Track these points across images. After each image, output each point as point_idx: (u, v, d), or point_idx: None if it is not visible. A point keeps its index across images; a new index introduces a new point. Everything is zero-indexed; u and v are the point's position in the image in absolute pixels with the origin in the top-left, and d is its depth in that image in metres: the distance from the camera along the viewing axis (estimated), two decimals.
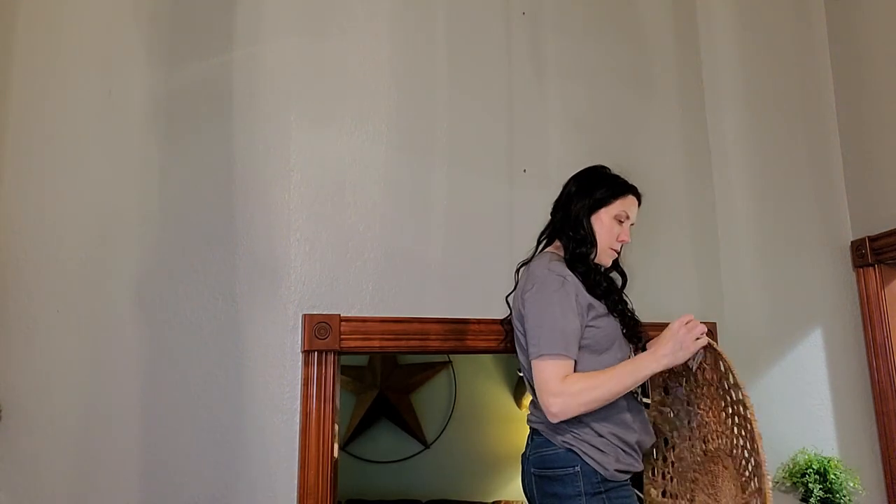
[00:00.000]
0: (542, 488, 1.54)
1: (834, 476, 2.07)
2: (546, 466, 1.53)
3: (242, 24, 1.92)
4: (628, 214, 1.68)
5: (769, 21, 2.52)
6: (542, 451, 1.55)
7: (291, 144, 1.88)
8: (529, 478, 1.59)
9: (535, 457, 1.57)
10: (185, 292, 1.75)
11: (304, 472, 1.71)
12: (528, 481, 1.60)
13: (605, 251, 1.66)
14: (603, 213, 1.66)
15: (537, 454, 1.56)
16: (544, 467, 1.54)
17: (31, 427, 1.61)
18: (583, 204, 1.66)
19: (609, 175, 1.72)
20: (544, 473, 1.53)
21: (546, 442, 1.55)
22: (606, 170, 1.73)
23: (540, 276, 1.56)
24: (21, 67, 1.76)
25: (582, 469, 1.49)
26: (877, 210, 2.31)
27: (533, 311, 1.53)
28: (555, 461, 1.52)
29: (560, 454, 1.51)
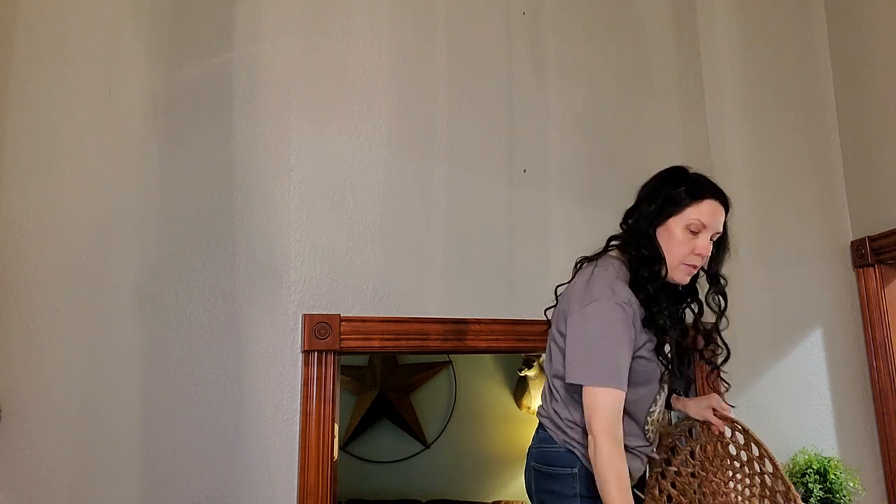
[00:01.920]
0: (539, 483, 1.54)
1: (834, 476, 2.07)
2: (546, 463, 1.53)
3: (242, 24, 1.92)
4: (705, 224, 1.44)
5: (769, 21, 2.52)
6: (544, 446, 1.55)
7: (291, 144, 1.88)
8: (530, 470, 1.58)
9: (537, 451, 1.56)
10: (185, 292, 1.75)
11: (304, 472, 1.71)
12: (528, 473, 1.59)
13: (676, 268, 1.45)
14: (672, 224, 1.44)
15: (539, 449, 1.56)
16: (544, 463, 1.53)
17: (30, 427, 1.61)
18: (649, 212, 1.46)
19: (684, 176, 1.48)
20: (543, 469, 1.53)
21: (549, 438, 1.54)
22: (685, 171, 1.50)
23: (601, 297, 1.40)
24: (21, 67, 1.76)
25: (579, 472, 1.47)
26: (877, 210, 2.31)
27: (587, 331, 1.40)
28: (556, 460, 1.51)
29: (561, 453, 1.50)
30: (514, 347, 1.97)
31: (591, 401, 1.36)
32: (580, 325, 1.41)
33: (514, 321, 1.96)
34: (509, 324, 1.95)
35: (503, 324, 1.95)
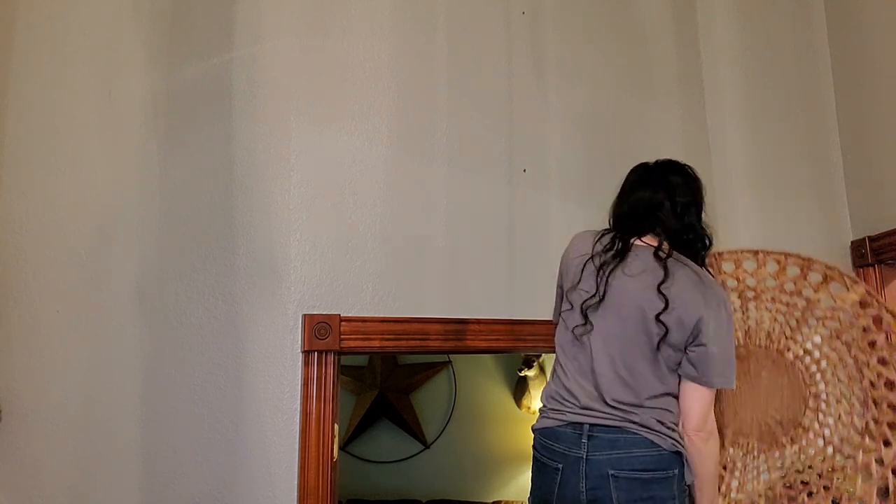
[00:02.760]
0: (633, 491, 1.45)
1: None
2: (647, 468, 1.46)
3: (242, 24, 1.92)
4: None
5: (769, 21, 2.52)
6: (638, 451, 1.48)
7: (291, 144, 1.88)
8: (612, 480, 1.46)
9: (631, 458, 1.47)
10: (185, 292, 1.75)
11: (304, 473, 1.71)
12: (608, 483, 1.46)
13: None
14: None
15: (633, 455, 1.47)
16: (644, 469, 1.46)
17: (30, 427, 1.61)
18: (700, 205, 1.61)
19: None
20: (643, 476, 1.46)
21: (645, 442, 1.47)
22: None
23: (725, 300, 1.51)
24: (21, 67, 1.76)
25: (678, 473, 1.48)
26: (877, 210, 2.31)
27: (724, 336, 1.49)
28: (659, 463, 1.47)
29: (664, 456, 1.47)
30: (513, 347, 1.97)
31: (710, 400, 1.49)
32: (725, 326, 1.49)
33: (513, 321, 1.96)
34: (509, 324, 1.95)
35: (503, 324, 1.95)
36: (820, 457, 1.53)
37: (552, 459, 1.53)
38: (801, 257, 1.70)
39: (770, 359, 1.66)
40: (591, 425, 1.49)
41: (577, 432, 1.50)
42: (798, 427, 1.58)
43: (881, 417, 1.48)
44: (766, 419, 1.63)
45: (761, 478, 1.60)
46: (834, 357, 1.60)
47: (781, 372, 1.64)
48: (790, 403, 1.61)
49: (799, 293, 1.66)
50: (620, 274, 1.53)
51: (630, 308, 1.51)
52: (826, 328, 1.63)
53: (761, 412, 1.64)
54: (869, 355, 1.54)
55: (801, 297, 1.66)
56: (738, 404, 1.66)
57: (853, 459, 1.49)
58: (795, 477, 1.53)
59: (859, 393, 1.54)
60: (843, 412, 1.55)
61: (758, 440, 1.62)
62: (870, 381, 1.53)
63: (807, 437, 1.57)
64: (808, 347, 1.64)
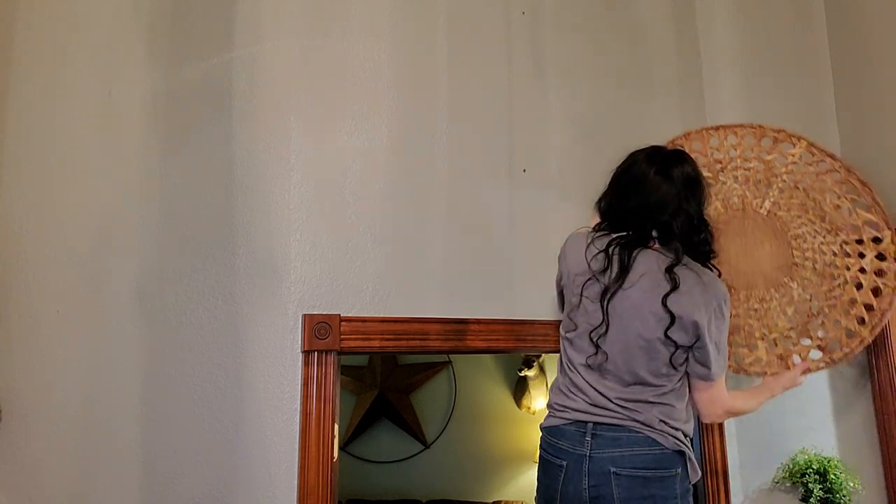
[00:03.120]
0: (634, 489, 1.46)
1: (834, 476, 2.07)
2: (649, 467, 1.47)
3: (242, 24, 1.92)
4: None
5: (769, 21, 2.52)
6: (641, 450, 1.48)
7: (291, 144, 1.88)
8: (614, 478, 1.47)
9: (634, 456, 1.47)
10: (185, 292, 1.75)
11: (304, 473, 1.71)
12: (610, 481, 1.47)
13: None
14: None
15: (637, 454, 1.48)
16: (647, 467, 1.47)
17: (30, 427, 1.61)
18: (702, 200, 1.59)
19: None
20: (646, 474, 1.47)
21: (647, 440, 1.48)
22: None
23: (725, 298, 1.54)
24: (21, 68, 1.76)
25: (681, 472, 1.49)
26: None
27: (723, 333, 1.54)
28: (661, 462, 1.47)
29: (668, 455, 1.48)
30: (513, 347, 1.97)
31: (718, 391, 1.57)
32: (724, 324, 1.54)
33: (513, 321, 1.96)
34: (509, 324, 1.95)
35: (503, 324, 1.95)
36: (817, 284, 1.88)
37: (557, 457, 1.53)
38: (753, 126, 1.98)
39: (749, 218, 1.94)
40: (595, 423, 1.50)
41: (581, 430, 1.51)
42: (792, 265, 1.89)
43: (848, 238, 1.88)
44: (764, 267, 1.91)
45: (786, 314, 1.87)
46: (797, 202, 1.93)
47: (761, 226, 1.93)
48: (778, 249, 1.91)
49: (758, 158, 1.96)
50: (621, 290, 1.50)
51: (633, 314, 1.50)
52: (785, 180, 1.95)
53: (758, 263, 1.91)
54: (823, 193, 1.93)
55: (760, 160, 1.96)
56: (735, 264, 1.90)
57: (842, 279, 1.86)
58: (807, 307, 1.87)
59: (826, 225, 1.91)
60: (820, 243, 1.90)
61: (764, 287, 1.88)
62: (829, 212, 1.91)
63: (801, 271, 1.89)
64: (775, 200, 1.94)
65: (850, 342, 1.81)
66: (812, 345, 1.84)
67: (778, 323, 1.86)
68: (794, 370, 1.81)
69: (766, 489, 2.13)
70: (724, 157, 1.96)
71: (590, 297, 1.53)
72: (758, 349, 1.84)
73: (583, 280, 1.54)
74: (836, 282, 1.86)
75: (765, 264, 1.90)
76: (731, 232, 1.91)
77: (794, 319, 1.85)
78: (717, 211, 1.91)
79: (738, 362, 1.84)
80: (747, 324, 1.86)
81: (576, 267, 1.57)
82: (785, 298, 1.87)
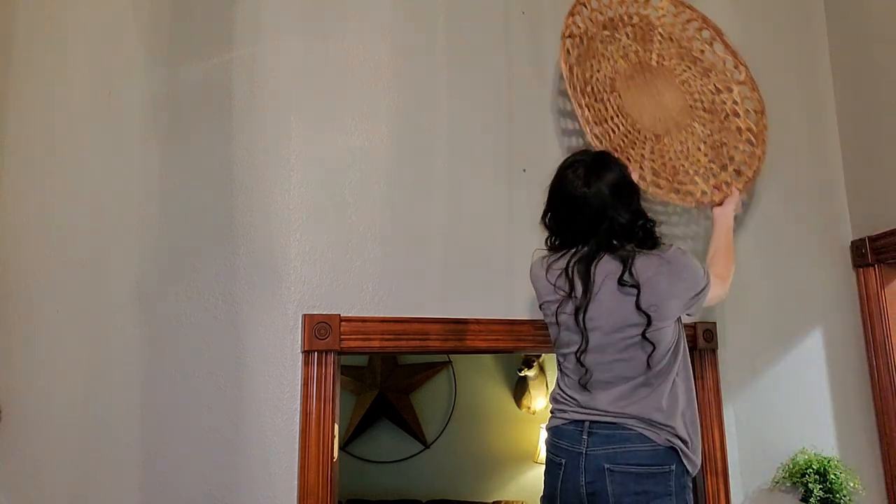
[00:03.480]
0: (626, 485, 1.49)
1: (834, 476, 2.07)
2: (640, 462, 1.50)
3: (242, 24, 1.92)
4: None
5: (769, 21, 2.52)
6: (632, 446, 1.52)
7: (291, 144, 1.88)
8: (607, 474, 1.51)
9: (625, 452, 1.51)
10: (185, 292, 1.75)
11: (304, 473, 1.71)
12: (604, 476, 1.51)
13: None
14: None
15: (627, 450, 1.51)
16: (637, 463, 1.50)
17: (31, 427, 1.61)
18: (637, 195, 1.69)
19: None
20: (636, 469, 1.50)
21: (639, 437, 1.52)
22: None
23: (686, 264, 1.58)
24: (21, 68, 1.76)
25: (676, 468, 1.51)
26: (877, 210, 2.31)
27: (688, 277, 1.59)
28: (653, 458, 1.51)
29: (659, 452, 1.51)
30: (513, 347, 1.98)
31: (718, 287, 1.71)
32: (689, 275, 1.59)
33: (513, 321, 1.96)
34: (508, 324, 1.95)
35: (502, 324, 1.95)
36: (710, 120, 2.15)
37: (558, 456, 1.59)
38: None
39: (646, 70, 2.14)
40: (591, 422, 1.56)
41: (578, 429, 1.57)
42: (689, 107, 2.14)
43: (718, 77, 2.20)
44: (672, 113, 2.11)
45: (700, 150, 2.08)
46: (674, 51, 2.20)
47: (657, 76, 2.14)
48: (675, 95, 2.14)
49: (637, 14, 2.17)
50: (592, 303, 1.56)
51: (608, 320, 1.56)
52: (661, 33, 2.19)
53: (667, 110, 2.11)
54: (690, 41, 2.22)
55: (639, 16, 2.17)
56: (653, 114, 2.09)
57: (724, 112, 2.17)
58: (712, 140, 2.12)
59: (699, 69, 2.20)
60: (700, 85, 2.18)
61: (677, 130, 2.08)
62: (698, 57, 2.21)
63: (696, 111, 2.14)
64: (659, 52, 2.18)
65: (752, 161, 2.12)
66: (730, 171, 2.09)
67: (700, 159, 2.07)
68: (732, 194, 2.02)
69: (766, 489, 2.13)
70: (615, 14, 2.13)
71: (566, 317, 1.60)
72: (698, 184, 2.03)
73: (556, 304, 1.62)
74: (722, 115, 2.16)
75: (671, 110, 2.12)
76: (637, 86, 2.10)
77: (709, 153, 2.09)
78: (622, 66, 2.10)
79: (694, 198, 2.00)
80: (682, 165, 2.04)
81: (545, 294, 1.65)
82: (694, 136, 2.10)
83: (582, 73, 1.97)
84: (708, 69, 2.20)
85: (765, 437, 2.16)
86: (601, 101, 1.98)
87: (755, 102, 2.19)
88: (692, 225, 2.25)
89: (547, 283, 1.63)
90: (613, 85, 2.05)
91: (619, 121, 1.99)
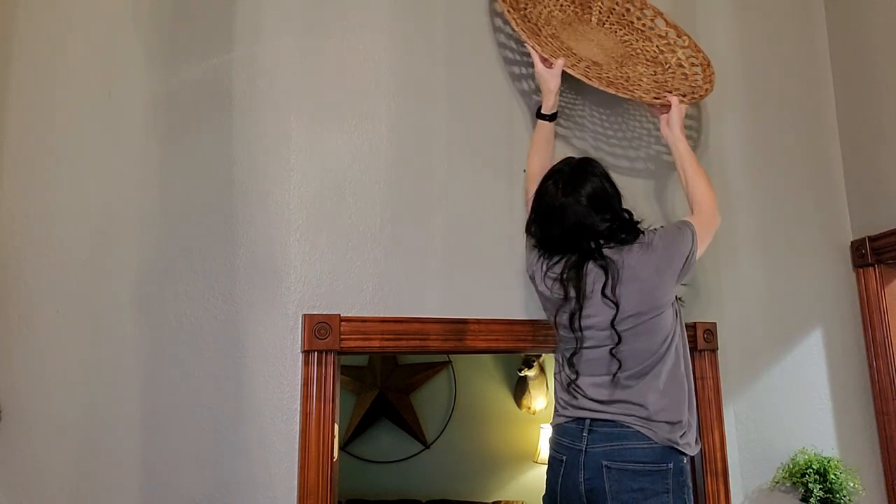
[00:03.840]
0: (623, 482, 1.52)
1: (834, 476, 2.07)
2: (638, 460, 1.53)
3: (242, 24, 1.92)
4: None
5: (769, 21, 2.52)
6: (630, 444, 1.55)
7: (291, 144, 1.88)
8: (605, 471, 1.54)
9: (623, 450, 1.54)
10: (185, 292, 1.75)
11: (304, 473, 1.71)
12: (601, 473, 1.54)
13: None
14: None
15: (625, 447, 1.55)
16: (635, 461, 1.53)
17: (31, 427, 1.61)
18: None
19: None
20: (633, 467, 1.53)
21: (637, 435, 1.55)
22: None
23: (662, 239, 1.65)
24: (21, 68, 1.75)
25: (674, 467, 1.54)
26: (877, 210, 2.31)
27: (671, 241, 1.65)
28: (650, 456, 1.53)
29: (657, 450, 1.54)
30: (513, 347, 1.97)
31: (694, 218, 1.75)
32: (660, 242, 1.64)
33: (513, 321, 1.96)
34: (509, 324, 1.95)
35: (502, 324, 1.95)
36: (655, 67, 2.15)
37: (559, 453, 1.62)
38: None
39: (579, 23, 2.20)
40: (591, 420, 1.59)
41: (579, 427, 1.60)
42: (631, 55, 2.17)
43: (659, 42, 2.21)
44: (616, 56, 2.14)
45: (643, 84, 2.02)
46: (615, 18, 2.22)
47: (597, 32, 2.19)
48: (617, 45, 2.18)
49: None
50: (585, 307, 1.62)
51: (602, 323, 1.60)
52: (601, 7, 2.22)
53: (610, 52, 2.14)
54: (632, 15, 2.24)
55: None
56: (595, 54, 2.11)
57: (670, 68, 2.15)
58: (656, 79, 2.08)
59: (639, 35, 2.23)
60: (643, 46, 2.20)
61: (618, 67, 2.08)
62: (640, 28, 2.23)
63: (640, 58, 2.16)
64: (598, 19, 2.22)
65: (700, 89, 2.07)
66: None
67: (641, 83, 2.05)
68: (672, 103, 1.93)
69: (766, 489, 2.13)
70: None
71: (563, 323, 1.67)
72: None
73: (554, 309, 1.69)
74: (667, 66, 2.16)
75: (616, 54, 2.14)
76: (578, 33, 2.16)
77: (653, 86, 2.04)
78: (557, 18, 2.14)
79: (645, 103, 2.01)
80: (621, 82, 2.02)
81: (544, 294, 1.73)
82: (637, 74, 2.08)
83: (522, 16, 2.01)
84: (649, 37, 2.22)
85: (765, 437, 2.16)
86: (536, 32, 2.01)
87: (701, 60, 2.16)
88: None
89: (546, 288, 1.70)
90: (550, 22, 2.10)
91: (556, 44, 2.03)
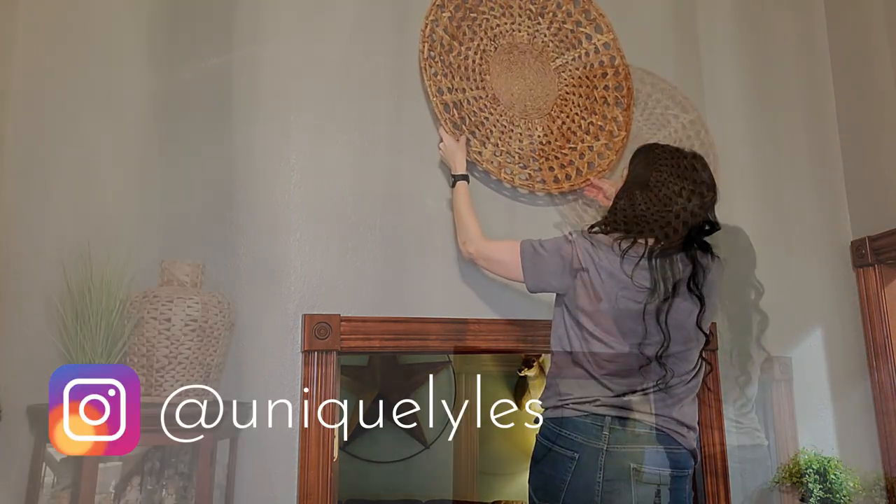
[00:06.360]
0: (649, 485, 1.50)
1: (834, 476, 2.07)
2: (681, 466, 1.54)
3: (242, 24, 1.91)
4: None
5: (769, 21, 2.52)
6: (673, 448, 1.53)
7: (291, 144, 1.88)
8: (625, 472, 1.49)
9: (676, 454, 1.53)
10: None
11: (304, 473, 1.71)
12: (620, 475, 1.49)
13: None
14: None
15: (674, 451, 1.53)
16: (680, 467, 1.54)
17: (31, 427, 1.61)
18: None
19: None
20: (679, 474, 1.53)
21: (674, 441, 1.53)
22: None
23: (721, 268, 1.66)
24: (21, 68, 1.75)
25: (690, 471, 1.57)
26: (877, 210, 2.31)
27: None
28: (680, 462, 1.53)
29: (683, 455, 1.54)
30: (513, 347, 1.98)
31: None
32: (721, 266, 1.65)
33: (513, 321, 1.96)
34: (509, 324, 1.95)
35: (503, 324, 1.95)
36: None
37: (569, 449, 1.52)
38: None
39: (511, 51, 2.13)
40: (612, 417, 1.50)
41: (598, 423, 1.50)
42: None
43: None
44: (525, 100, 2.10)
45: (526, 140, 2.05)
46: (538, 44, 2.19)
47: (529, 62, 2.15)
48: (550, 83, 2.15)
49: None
50: (674, 303, 1.52)
51: (683, 322, 1.54)
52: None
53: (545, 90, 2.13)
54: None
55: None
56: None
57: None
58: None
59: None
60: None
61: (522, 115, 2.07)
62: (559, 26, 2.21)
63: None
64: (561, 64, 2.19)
65: (608, 153, 2.13)
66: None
67: (513, 145, 2.05)
68: (599, 185, 2.01)
69: (766, 489, 2.13)
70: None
71: (631, 311, 1.51)
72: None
73: (618, 292, 1.51)
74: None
75: (548, 91, 2.14)
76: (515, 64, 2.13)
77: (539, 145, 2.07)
78: (503, 48, 2.12)
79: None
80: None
81: (609, 279, 1.53)
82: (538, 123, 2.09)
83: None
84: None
85: (765, 436, 2.16)
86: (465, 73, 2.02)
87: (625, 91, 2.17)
88: None
89: (619, 269, 1.51)
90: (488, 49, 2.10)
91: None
